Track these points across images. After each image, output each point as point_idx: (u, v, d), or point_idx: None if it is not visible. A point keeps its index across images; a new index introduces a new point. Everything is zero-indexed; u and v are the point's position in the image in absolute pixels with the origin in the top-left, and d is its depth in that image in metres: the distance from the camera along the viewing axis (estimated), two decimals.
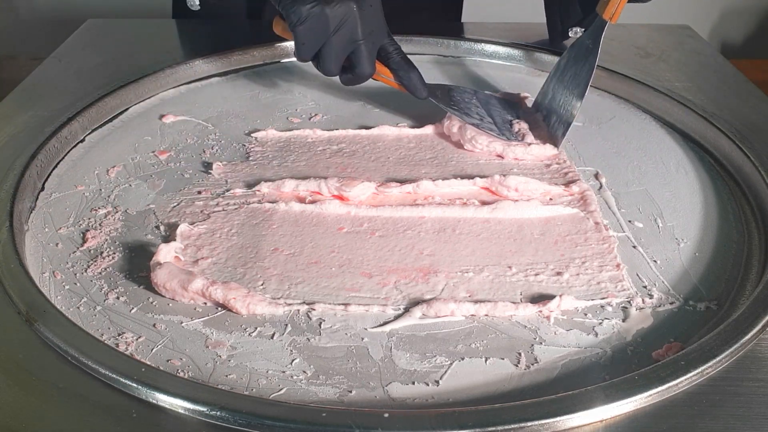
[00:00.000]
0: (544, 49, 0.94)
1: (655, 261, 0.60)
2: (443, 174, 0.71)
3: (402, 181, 0.68)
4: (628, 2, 0.73)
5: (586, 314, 0.54)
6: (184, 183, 0.69)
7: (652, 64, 0.93)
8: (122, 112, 0.81)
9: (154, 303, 0.55)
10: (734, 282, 0.58)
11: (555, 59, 0.92)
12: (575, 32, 0.82)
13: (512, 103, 0.83)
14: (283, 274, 0.58)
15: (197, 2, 0.88)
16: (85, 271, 0.58)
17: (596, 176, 0.71)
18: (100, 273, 0.57)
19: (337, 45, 0.71)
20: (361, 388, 0.48)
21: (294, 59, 0.94)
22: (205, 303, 0.54)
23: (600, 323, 0.53)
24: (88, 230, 0.62)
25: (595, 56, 0.74)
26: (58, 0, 2.15)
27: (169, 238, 0.61)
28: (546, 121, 0.78)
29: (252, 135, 0.77)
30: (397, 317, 0.54)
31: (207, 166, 0.72)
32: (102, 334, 0.51)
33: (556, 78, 0.79)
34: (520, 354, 0.51)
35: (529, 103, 0.85)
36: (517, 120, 0.79)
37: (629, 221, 0.64)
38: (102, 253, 0.60)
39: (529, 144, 0.74)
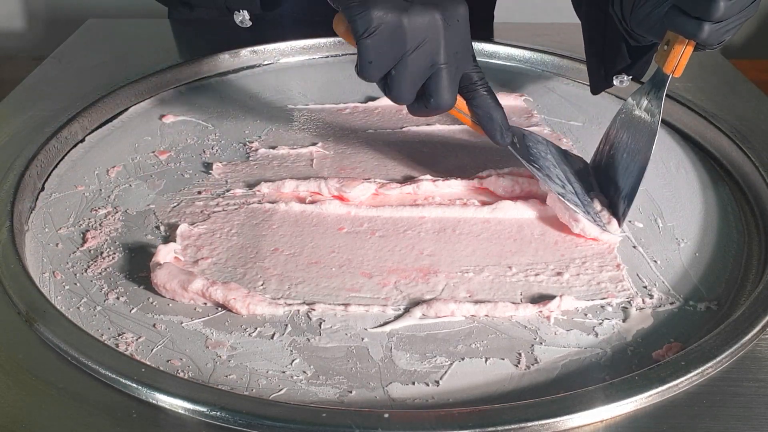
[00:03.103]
0: (544, 51, 0.94)
1: (655, 261, 0.60)
2: (443, 174, 0.71)
3: (402, 181, 0.68)
4: (694, 51, 0.60)
5: (586, 314, 0.54)
6: (184, 183, 0.69)
7: (652, 64, 0.92)
8: (122, 112, 0.81)
9: (154, 303, 0.55)
10: (734, 282, 0.58)
11: (556, 60, 0.93)
12: (621, 81, 0.70)
13: (580, 161, 0.70)
14: (283, 274, 0.58)
15: (248, 19, 0.75)
16: (85, 271, 0.58)
17: None
18: (100, 273, 0.57)
19: (413, 67, 0.57)
20: (361, 389, 0.48)
21: (289, 59, 0.95)
22: (205, 303, 0.54)
23: (600, 323, 0.53)
24: (88, 230, 0.62)
25: (657, 117, 0.62)
26: (58, 0, 2.15)
27: (169, 238, 0.61)
28: (603, 190, 0.66)
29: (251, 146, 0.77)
30: (397, 317, 0.54)
31: (207, 166, 0.72)
32: (102, 335, 0.51)
33: (612, 139, 0.68)
34: (520, 354, 0.51)
35: (527, 103, 0.85)
36: (594, 192, 0.66)
37: (629, 221, 0.64)
38: (102, 253, 0.60)
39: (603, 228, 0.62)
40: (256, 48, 0.93)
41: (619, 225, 0.62)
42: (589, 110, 0.84)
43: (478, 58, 0.94)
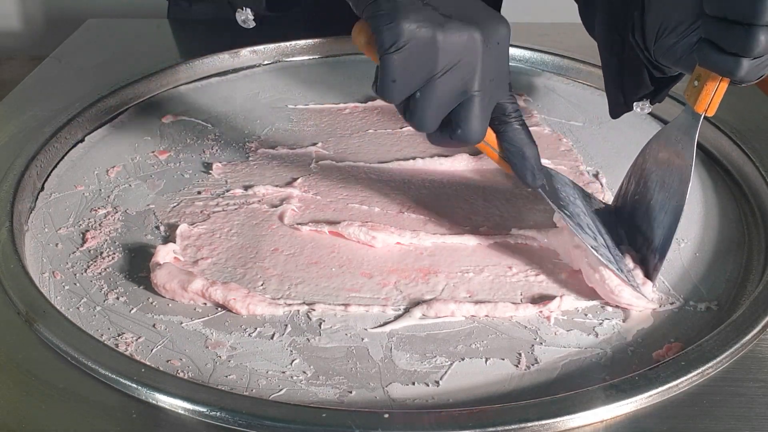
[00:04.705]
0: (544, 51, 0.94)
1: None
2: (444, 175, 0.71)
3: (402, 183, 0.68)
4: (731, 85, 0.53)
5: (586, 314, 0.54)
6: (184, 183, 0.69)
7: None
8: (122, 112, 0.81)
9: (153, 303, 0.55)
10: (735, 282, 0.58)
11: (556, 60, 0.93)
12: (642, 108, 0.63)
13: (597, 201, 0.63)
14: (283, 274, 0.58)
15: (251, 19, 0.63)
16: (85, 271, 0.58)
17: (596, 176, 0.71)
18: (100, 273, 0.57)
19: (443, 91, 0.49)
20: (361, 389, 0.48)
21: (289, 59, 0.95)
22: (205, 303, 0.54)
23: (600, 323, 0.53)
24: (87, 230, 0.62)
25: (689, 162, 0.55)
26: (58, 0, 2.15)
27: (169, 238, 0.61)
28: (629, 240, 0.59)
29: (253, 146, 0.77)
30: (397, 317, 0.54)
31: (207, 166, 0.72)
32: (102, 335, 0.51)
33: (635, 182, 0.61)
34: (520, 354, 0.51)
35: (527, 104, 0.85)
36: (624, 246, 0.58)
37: None
38: (102, 253, 0.60)
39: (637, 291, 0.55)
40: (256, 48, 0.93)
41: (652, 281, 0.56)
42: (589, 110, 0.84)
43: None
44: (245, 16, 0.63)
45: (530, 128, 0.78)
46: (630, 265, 0.56)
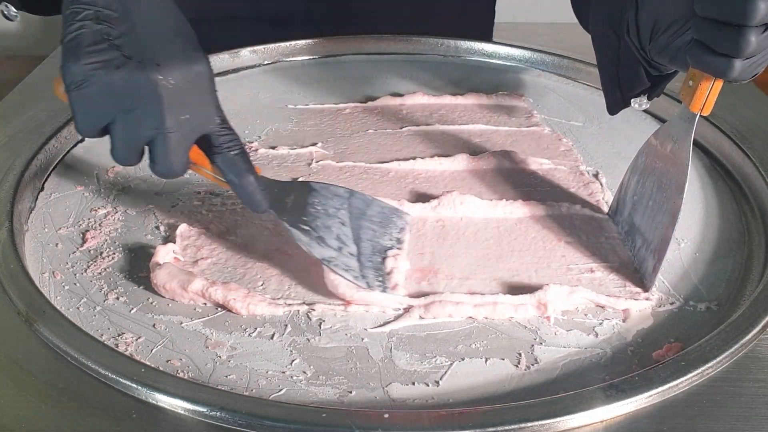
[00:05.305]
0: (544, 51, 0.94)
1: None
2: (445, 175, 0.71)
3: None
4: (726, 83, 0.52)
5: (586, 314, 0.54)
6: (183, 183, 0.69)
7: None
8: None
9: (153, 303, 0.55)
10: (735, 282, 0.58)
11: (556, 60, 0.93)
12: (640, 104, 0.62)
13: (399, 214, 0.61)
14: (283, 274, 0.57)
15: (13, 14, 0.64)
16: (85, 271, 0.58)
17: (596, 176, 0.71)
18: (100, 273, 0.57)
19: (129, 128, 0.50)
20: (361, 389, 0.48)
21: (289, 59, 0.95)
22: (205, 303, 0.54)
23: (600, 323, 0.53)
24: (87, 230, 0.62)
25: (686, 160, 0.55)
26: None
27: (169, 238, 0.61)
28: (628, 242, 0.60)
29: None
30: (397, 317, 0.54)
31: None
32: (102, 335, 0.51)
33: (634, 182, 0.61)
34: (520, 354, 0.51)
35: (527, 104, 0.85)
36: (396, 248, 0.58)
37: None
38: (102, 253, 0.60)
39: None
40: (256, 48, 0.93)
41: (650, 282, 0.56)
42: (589, 110, 0.84)
43: (477, 59, 0.96)
44: (7, 12, 0.65)
45: (530, 128, 0.79)
46: (387, 269, 0.56)
